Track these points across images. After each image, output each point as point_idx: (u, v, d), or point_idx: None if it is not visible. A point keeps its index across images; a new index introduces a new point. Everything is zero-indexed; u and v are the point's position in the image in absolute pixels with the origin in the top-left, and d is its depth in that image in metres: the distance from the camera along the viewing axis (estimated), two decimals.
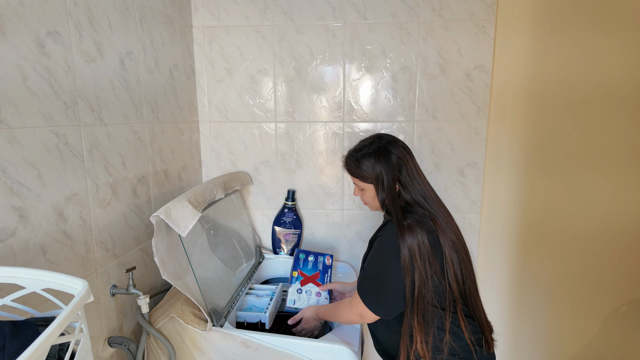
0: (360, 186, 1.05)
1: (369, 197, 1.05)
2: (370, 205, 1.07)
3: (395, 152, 1.00)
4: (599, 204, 1.44)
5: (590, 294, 1.51)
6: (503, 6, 1.37)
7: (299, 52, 1.46)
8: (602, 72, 1.36)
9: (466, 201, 1.50)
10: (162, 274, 0.92)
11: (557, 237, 1.49)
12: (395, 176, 0.98)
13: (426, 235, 0.91)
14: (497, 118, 1.45)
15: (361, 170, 1.01)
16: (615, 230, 1.45)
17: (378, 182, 0.99)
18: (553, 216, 1.48)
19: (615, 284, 1.49)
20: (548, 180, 1.46)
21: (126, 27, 1.05)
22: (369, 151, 1.01)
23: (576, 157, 1.43)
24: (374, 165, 0.99)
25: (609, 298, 1.51)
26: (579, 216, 1.46)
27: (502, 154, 1.47)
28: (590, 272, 1.50)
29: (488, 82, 1.41)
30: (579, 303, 1.53)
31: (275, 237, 1.56)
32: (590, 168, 1.42)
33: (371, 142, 1.03)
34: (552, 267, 1.52)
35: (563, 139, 1.42)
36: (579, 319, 1.54)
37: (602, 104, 1.38)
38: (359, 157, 1.02)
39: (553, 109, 1.41)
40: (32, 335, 0.54)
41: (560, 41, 1.37)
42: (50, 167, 0.80)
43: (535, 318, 1.58)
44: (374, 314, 0.96)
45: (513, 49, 1.39)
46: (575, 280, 1.51)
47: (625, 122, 1.37)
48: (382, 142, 1.02)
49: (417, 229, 0.91)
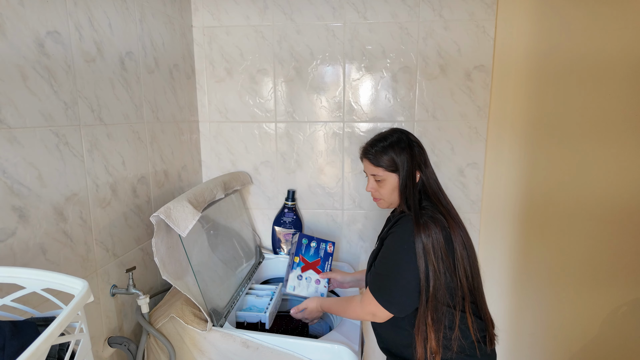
0: (381, 177, 1.02)
1: (387, 189, 1.03)
2: (384, 201, 1.05)
3: (416, 142, 1.03)
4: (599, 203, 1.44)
5: (590, 294, 1.51)
6: (503, 6, 1.37)
7: (299, 52, 1.46)
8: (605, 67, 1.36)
9: (466, 201, 1.50)
10: (162, 274, 0.92)
11: (557, 237, 1.49)
12: (418, 165, 1.00)
13: (440, 232, 0.91)
14: (497, 118, 1.45)
15: (386, 159, 1.00)
16: (616, 229, 1.45)
17: (403, 170, 0.99)
18: (553, 216, 1.48)
19: (615, 284, 1.49)
20: (548, 180, 1.46)
21: (126, 27, 1.05)
22: (393, 140, 1.01)
23: (576, 156, 1.43)
24: (399, 153, 0.99)
25: (609, 298, 1.51)
26: (579, 216, 1.46)
27: (502, 154, 1.47)
28: (591, 272, 1.50)
29: (488, 82, 1.41)
30: (579, 303, 1.53)
31: (275, 237, 1.56)
32: (590, 167, 1.42)
33: (392, 133, 1.04)
34: (552, 267, 1.52)
35: (563, 139, 1.42)
36: (579, 318, 1.54)
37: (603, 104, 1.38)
38: (385, 146, 1.01)
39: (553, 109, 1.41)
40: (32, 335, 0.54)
41: (561, 41, 1.37)
42: (50, 167, 0.80)
43: (536, 318, 1.58)
44: (387, 311, 0.94)
45: (513, 48, 1.39)
46: (575, 280, 1.51)
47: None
48: (403, 133, 1.04)
49: (432, 226, 0.91)
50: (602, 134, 1.39)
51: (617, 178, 1.41)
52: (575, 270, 1.51)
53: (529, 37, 1.38)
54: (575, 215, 1.46)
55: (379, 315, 0.97)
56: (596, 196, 1.44)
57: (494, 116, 1.45)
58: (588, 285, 1.51)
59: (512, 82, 1.42)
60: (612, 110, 1.37)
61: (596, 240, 1.47)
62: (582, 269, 1.50)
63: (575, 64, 1.37)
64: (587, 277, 1.50)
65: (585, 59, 1.36)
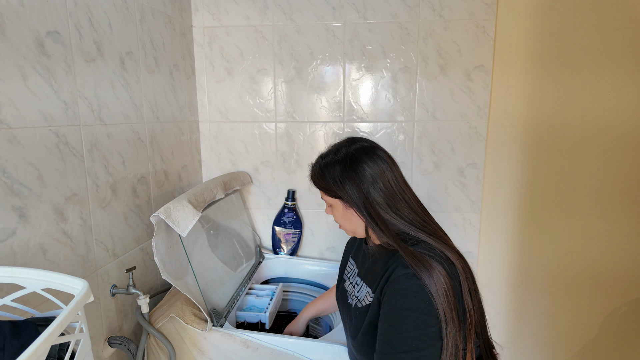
0: (327, 201, 0.86)
1: (337, 216, 0.86)
2: (345, 229, 0.87)
3: (368, 162, 0.80)
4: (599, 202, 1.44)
5: (590, 294, 1.51)
6: (503, 6, 1.37)
7: (299, 52, 1.46)
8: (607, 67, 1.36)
9: (466, 201, 1.50)
10: (162, 274, 0.92)
11: (557, 237, 1.49)
12: (370, 191, 0.79)
13: (446, 274, 0.73)
14: (497, 118, 1.45)
15: (324, 181, 0.83)
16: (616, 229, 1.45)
17: (350, 197, 0.80)
18: (553, 216, 1.48)
19: (615, 284, 1.49)
20: (548, 180, 1.46)
21: (126, 27, 1.05)
22: (336, 158, 0.83)
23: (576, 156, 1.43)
24: (339, 177, 0.80)
25: (609, 298, 1.51)
26: (578, 216, 1.46)
27: (502, 154, 1.47)
28: (591, 271, 1.50)
29: (488, 82, 1.41)
30: (579, 303, 1.53)
31: (275, 237, 1.56)
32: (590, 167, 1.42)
33: (338, 148, 0.84)
34: (552, 267, 1.52)
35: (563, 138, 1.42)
36: (579, 319, 1.54)
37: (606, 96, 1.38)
38: (323, 165, 0.84)
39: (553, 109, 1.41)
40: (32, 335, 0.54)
41: (562, 40, 1.36)
42: (50, 167, 0.80)
43: (535, 318, 1.58)
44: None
45: (513, 48, 1.39)
46: (575, 279, 1.51)
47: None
48: (351, 148, 0.82)
49: (435, 267, 0.72)
50: (602, 134, 1.39)
51: (618, 178, 1.41)
52: (575, 270, 1.51)
53: (529, 37, 1.38)
54: (575, 214, 1.46)
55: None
56: (596, 195, 1.44)
57: (494, 116, 1.45)
58: (588, 285, 1.51)
59: (512, 82, 1.42)
60: (612, 110, 1.37)
61: (596, 240, 1.47)
62: (582, 269, 1.50)
63: (576, 63, 1.37)
64: (587, 277, 1.50)
65: (586, 57, 1.36)
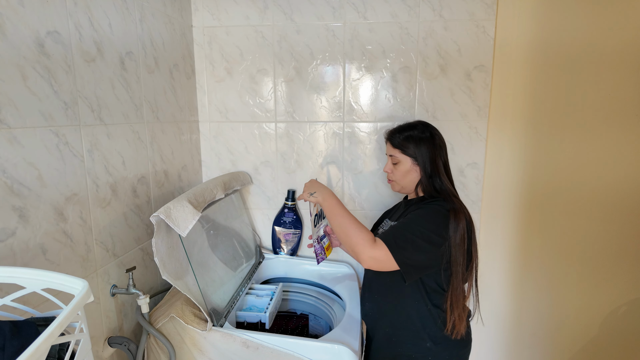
0: (397, 158, 1.12)
1: (400, 172, 1.12)
2: (396, 183, 1.15)
3: (437, 135, 1.12)
4: (600, 203, 1.44)
5: (590, 294, 1.52)
6: (503, 6, 1.37)
7: (299, 52, 1.46)
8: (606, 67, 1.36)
9: (466, 201, 1.50)
10: (162, 274, 0.92)
11: (557, 237, 1.49)
12: (437, 155, 1.09)
13: (465, 222, 0.99)
14: (497, 118, 1.45)
15: (405, 142, 1.10)
16: (616, 229, 1.45)
17: (420, 157, 1.08)
18: (553, 216, 1.48)
19: (616, 283, 1.49)
20: (548, 180, 1.46)
21: (126, 27, 1.05)
22: (418, 129, 1.12)
23: (576, 156, 1.43)
24: (419, 140, 1.09)
25: (609, 298, 1.51)
26: (579, 216, 1.46)
27: (502, 154, 1.47)
28: (591, 271, 1.50)
29: (488, 82, 1.41)
30: (579, 303, 1.53)
31: (275, 237, 1.56)
32: (590, 167, 1.42)
33: (417, 123, 1.14)
34: (552, 267, 1.52)
35: (563, 139, 1.42)
36: (579, 318, 1.54)
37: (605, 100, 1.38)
38: (408, 132, 1.11)
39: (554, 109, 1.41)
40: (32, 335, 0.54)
41: (561, 41, 1.36)
42: (50, 167, 0.80)
43: (536, 318, 1.58)
44: (394, 258, 0.93)
45: (513, 48, 1.39)
46: (575, 279, 1.51)
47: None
48: (427, 127, 1.14)
49: (461, 215, 0.99)
50: (602, 135, 1.40)
51: (617, 179, 1.41)
52: (575, 270, 1.51)
53: (529, 37, 1.38)
54: (576, 215, 1.46)
55: (381, 260, 0.93)
56: (596, 196, 1.44)
57: (494, 116, 1.45)
58: (588, 285, 1.51)
59: (512, 82, 1.42)
60: (612, 109, 1.37)
61: (596, 240, 1.47)
62: (582, 268, 1.50)
63: (576, 64, 1.37)
64: (587, 277, 1.51)
65: (585, 58, 1.36)
